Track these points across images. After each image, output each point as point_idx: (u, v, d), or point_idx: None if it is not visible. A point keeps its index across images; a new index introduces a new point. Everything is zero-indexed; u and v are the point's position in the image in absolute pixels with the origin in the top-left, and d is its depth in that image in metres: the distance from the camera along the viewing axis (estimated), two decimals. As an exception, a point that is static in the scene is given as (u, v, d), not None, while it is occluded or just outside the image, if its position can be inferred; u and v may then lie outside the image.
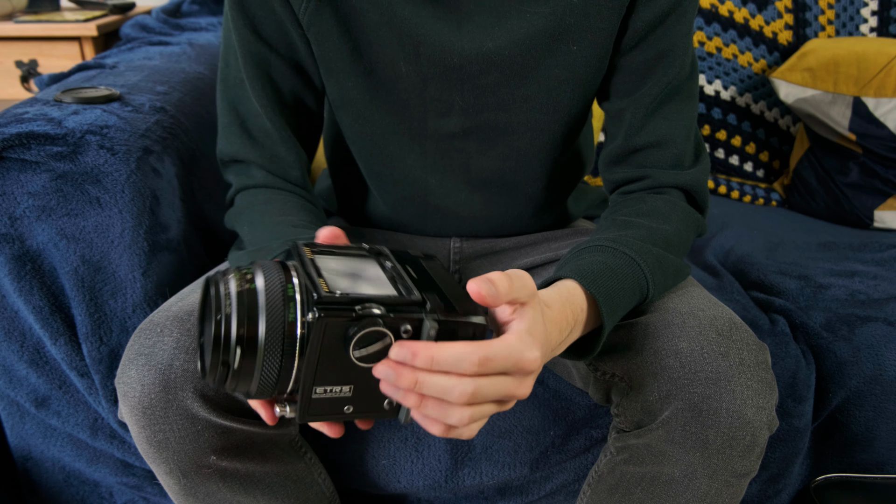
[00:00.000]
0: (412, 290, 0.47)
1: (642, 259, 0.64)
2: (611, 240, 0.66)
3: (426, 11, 0.69)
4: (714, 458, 0.63)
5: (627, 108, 0.73)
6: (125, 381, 0.63)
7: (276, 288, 0.45)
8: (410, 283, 0.48)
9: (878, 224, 1.33)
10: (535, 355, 0.48)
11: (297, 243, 0.50)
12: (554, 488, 0.87)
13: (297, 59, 0.74)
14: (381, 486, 0.84)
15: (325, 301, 0.44)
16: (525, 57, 0.70)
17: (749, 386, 0.62)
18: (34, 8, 1.57)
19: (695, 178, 0.74)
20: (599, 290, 0.60)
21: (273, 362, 0.45)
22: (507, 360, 0.47)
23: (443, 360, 0.45)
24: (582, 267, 0.62)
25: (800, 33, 1.42)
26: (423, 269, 0.52)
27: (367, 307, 0.45)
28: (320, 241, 0.54)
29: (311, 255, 0.48)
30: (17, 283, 0.78)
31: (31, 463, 0.92)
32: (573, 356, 0.64)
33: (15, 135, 0.76)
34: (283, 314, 0.44)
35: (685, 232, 0.72)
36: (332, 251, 0.50)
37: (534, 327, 0.49)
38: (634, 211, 0.72)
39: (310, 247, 0.50)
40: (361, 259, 0.51)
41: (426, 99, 0.73)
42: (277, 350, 0.45)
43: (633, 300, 0.64)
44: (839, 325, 0.94)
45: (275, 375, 0.46)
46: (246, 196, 0.76)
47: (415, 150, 0.77)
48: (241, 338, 0.44)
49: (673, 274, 0.68)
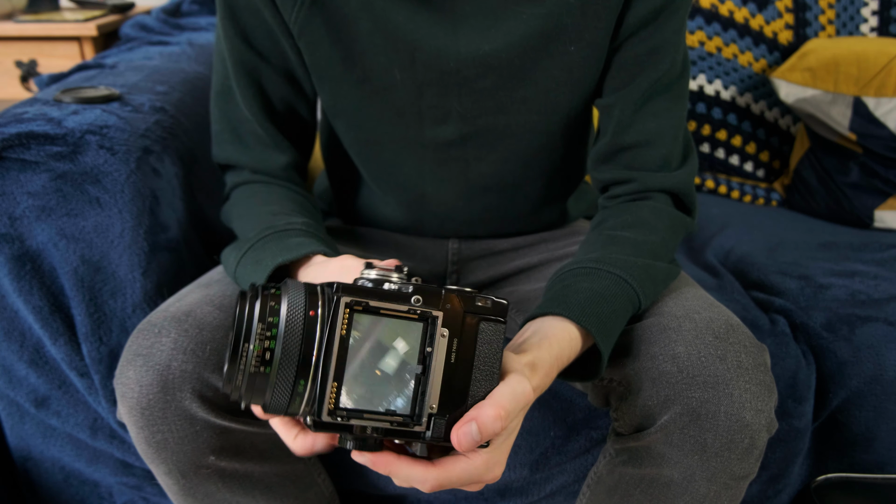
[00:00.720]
0: (422, 411, 0.47)
1: (629, 274, 0.64)
2: (594, 260, 0.66)
3: (421, 16, 0.68)
4: (713, 461, 0.63)
5: (616, 103, 0.73)
6: (123, 381, 0.63)
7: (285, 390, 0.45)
8: (435, 388, 0.47)
9: (878, 224, 1.33)
10: (496, 474, 0.51)
11: (341, 299, 0.45)
12: (554, 489, 0.87)
13: (289, 67, 0.74)
14: (381, 486, 0.84)
15: (323, 423, 0.45)
16: (522, 58, 0.69)
17: (747, 389, 0.62)
18: (34, 8, 1.57)
19: (681, 181, 0.73)
20: (590, 320, 0.60)
21: (277, 411, 0.47)
22: (464, 480, 0.50)
23: (399, 476, 0.49)
24: (568, 299, 0.62)
25: (800, 33, 1.42)
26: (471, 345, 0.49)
27: (364, 428, 0.46)
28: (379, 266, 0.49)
29: (344, 326, 0.45)
30: (17, 283, 0.78)
31: (30, 463, 0.92)
32: (576, 378, 0.64)
33: (15, 135, 0.76)
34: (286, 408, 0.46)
35: (672, 239, 0.72)
36: (378, 311, 0.46)
37: (505, 443, 0.52)
38: (620, 223, 0.71)
39: (350, 308, 0.45)
40: (405, 325, 0.47)
41: (422, 107, 0.72)
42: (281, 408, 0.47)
43: (626, 316, 0.64)
44: (839, 326, 0.94)
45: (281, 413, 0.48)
46: (237, 192, 0.77)
47: (411, 159, 0.76)
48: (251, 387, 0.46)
49: (663, 279, 0.68)
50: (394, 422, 0.46)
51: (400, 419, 0.47)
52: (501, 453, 0.51)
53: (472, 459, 0.50)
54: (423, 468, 0.48)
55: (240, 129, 0.76)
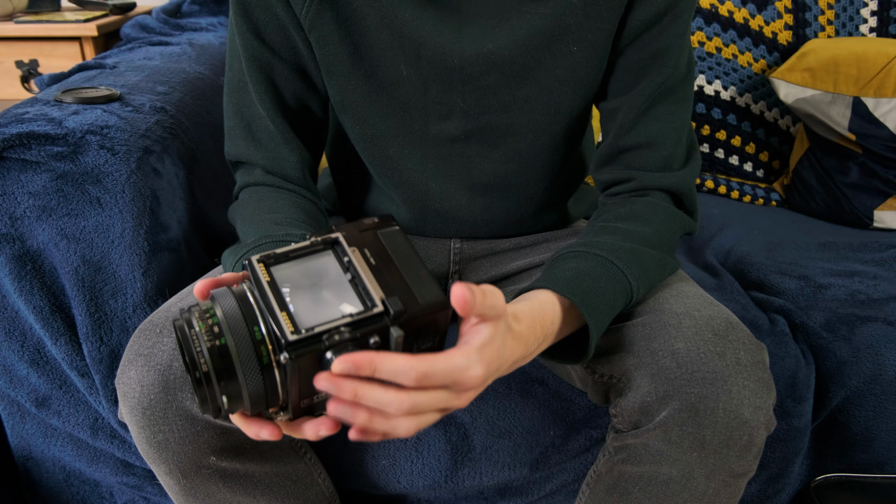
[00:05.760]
0: (373, 297, 0.48)
1: (615, 256, 0.64)
2: (583, 244, 0.67)
3: (427, 14, 0.69)
4: (711, 458, 0.63)
5: (621, 107, 0.73)
6: (125, 381, 0.64)
7: (244, 338, 0.47)
8: (371, 281, 0.49)
9: (877, 224, 1.33)
10: (476, 373, 0.49)
11: (251, 260, 0.49)
12: (554, 488, 0.87)
13: (301, 63, 0.74)
14: (381, 486, 0.85)
15: (293, 343, 0.45)
16: (525, 57, 0.70)
17: (746, 386, 0.62)
18: (34, 8, 1.57)
19: (681, 181, 0.74)
20: (575, 292, 0.60)
21: (259, 399, 0.48)
22: (446, 377, 0.48)
23: (384, 371, 0.47)
24: (554, 275, 0.62)
25: (800, 33, 1.42)
26: (382, 248, 0.52)
27: (332, 333, 0.46)
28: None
29: (266, 275, 0.48)
30: (18, 283, 0.78)
31: (31, 463, 0.92)
32: (569, 361, 0.64)
33: (15, 135, 0.76)
34: (256, 364, 0.47)
35: (666, 232, 0.72)
36: (287, 256, 0.50)
37: (486, 346, 0.50)
38: (613, 216, 0.72)
39: (264, 261, 0.49)
40: (317, 257, 0.51)
41: (427, 102, 0.73)
42: (260, 389, 0.48)
43: (617, 297, 0.64)
44: (839, 325, 0.94)
45: (263, 403, 0.49)
46: (246, 192, 0.77)
47: (415, 154, 0.77)
48: (225, 391, 0.48)
49: (655, 266, 0.68)
50: (354, 316, 0.47)
51: (358, 311, 0.48)
52: (481, 358, 0.50)
53: (452, 355, 0.49)
54: (406, 358, 0.47)
55: (253, 126, 0.76)
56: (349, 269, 0.50)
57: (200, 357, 0.47)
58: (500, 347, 0.52)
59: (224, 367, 0.47)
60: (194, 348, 0.47)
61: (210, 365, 0.47)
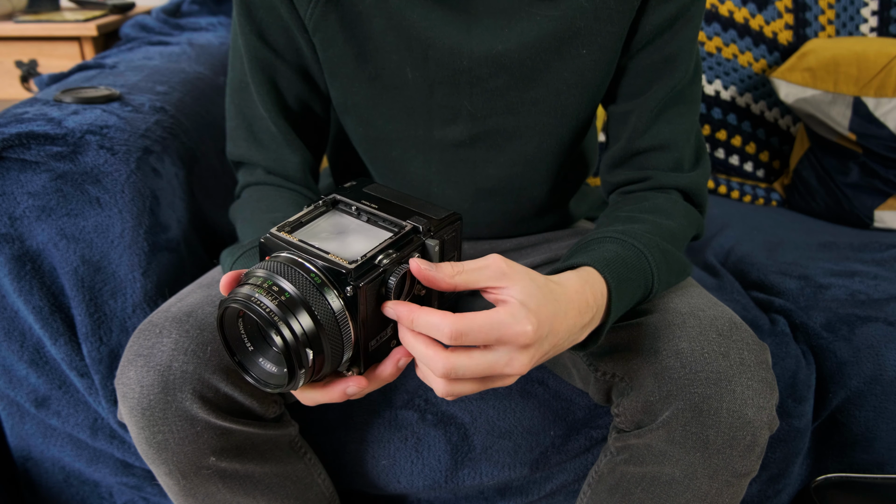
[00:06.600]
0: (398, 222, 0.53)
1: (650, 253, 0.64)
2: (620, 231, 0.66)
3: (435, 15, 0.68)
4: (714, 458, 0.63)
5: (633, 111, 0.74)
6: (124, 381, 0.63)
7: (307, 285, 0.48)
8: (386, 216, 0.54)
9: (878, 224, 1.33)
10: (525, 329, 0.47)
11: (272, 232, 0.51)
12: (554, 489, 0.87)
13: (304, 65, 0.74)
14: (381, 486, 0.84)
15: (352, 272, 0.48)
16: (534, 59, 0.70)
17: (749, 386, 0.62)
18: (34, 8, 1.57)
19: (694, 181, 0.75)
20: (613, 276, 0.59)
21: (336, 345, 0.49)
22: (487, 334, 0.47)
23: (420, 324, 0.48)
24: (596, 255, 0.62)
25: (800, 33, 1.42)
26: (375, 196, 0.57)
27: (382, 257, 0.49)
28: None
29: (293, 237, 0.51)
30: (17, 283, 0.78)
31: (31, 463, 0.92)
32: (577, 347, 0.64)
33: (15, 135, 0.76)
34: (325, 303, 0.48)
35: (688, 228, 0.73)
36: (301, 222, 0.53)
37: (528, 299, 0.49)
38: (637, 208, 0.72)
39: (284, 230, 0.52)
40: (327, 216, 0.55)
41: (432, 106, 0.72)
42: (336, 333, 0.49)
43: (638, 293, 0.64)
44: (839, 326, 0.94)
45: (340, 354, 0.50)
46: (247, 192, 0.78)
47: (418, 158, 0.77)
48: (305, 341, 0.47)
49: (677, 271, 0.69)
50: (391, 238, 0.51)
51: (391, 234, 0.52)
52: (528, 312, 0.48)
53: (495, 310, 0.47)
54: (442, 314, 0.47)
55: (254, 126, 0.76)
56: (361, 214, 0.55)
57: (272, 316, 0.46)
58: (548, 303, 0.50)
59: (298, 318, 0.47)
60: (261, 309, 0.46)
61: (281, 319, 0.46)
